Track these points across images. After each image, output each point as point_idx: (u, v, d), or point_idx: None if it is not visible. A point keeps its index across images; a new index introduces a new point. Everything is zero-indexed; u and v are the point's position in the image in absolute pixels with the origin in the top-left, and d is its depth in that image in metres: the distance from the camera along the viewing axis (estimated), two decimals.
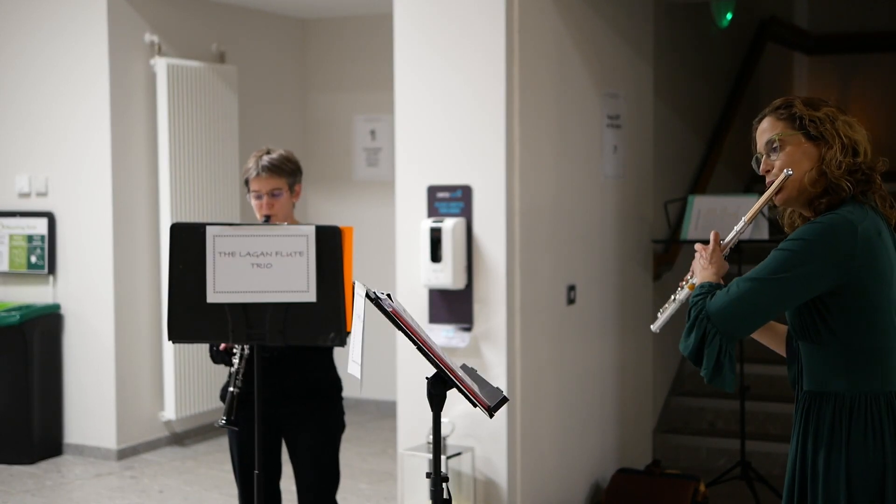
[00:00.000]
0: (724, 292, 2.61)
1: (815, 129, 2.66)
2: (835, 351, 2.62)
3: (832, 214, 2.60)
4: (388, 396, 7.20)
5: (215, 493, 6.19)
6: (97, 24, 6.74)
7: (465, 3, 5.04)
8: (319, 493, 3.97)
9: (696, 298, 2.66)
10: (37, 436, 6.80)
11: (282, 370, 3.87)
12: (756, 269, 2.61)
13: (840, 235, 2.56)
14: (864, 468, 2.59)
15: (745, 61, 8.30)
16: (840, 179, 2.63)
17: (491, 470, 5.07)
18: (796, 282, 2.56)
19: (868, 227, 2.59)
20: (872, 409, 2.60)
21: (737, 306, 2.58)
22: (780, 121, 2.71)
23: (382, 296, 2.94)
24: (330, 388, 3.99)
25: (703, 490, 5.48)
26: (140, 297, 6.99)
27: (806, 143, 2.67)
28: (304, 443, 3.94)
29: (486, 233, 5.02)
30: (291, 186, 3.96)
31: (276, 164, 3.91)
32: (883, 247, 2.62)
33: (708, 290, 2.66)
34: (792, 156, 2.67)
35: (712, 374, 2.59)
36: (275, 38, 8.11)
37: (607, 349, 5.92)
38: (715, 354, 2.58)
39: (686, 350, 2.64)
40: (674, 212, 6.56)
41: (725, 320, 2.59)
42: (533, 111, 5.12)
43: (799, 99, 2.72)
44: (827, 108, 2.70)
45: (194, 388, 7.16)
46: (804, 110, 2.68)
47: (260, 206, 3.92)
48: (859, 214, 2.60)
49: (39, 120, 6.99)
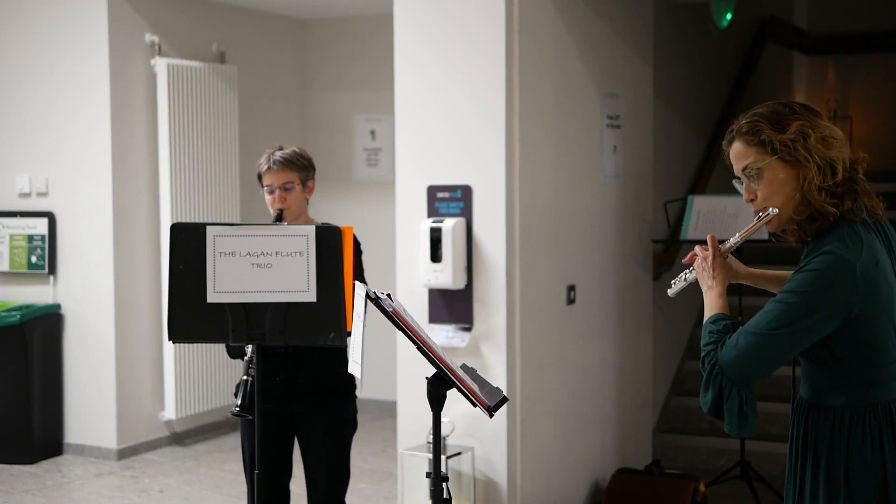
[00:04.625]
0: (733, 345, 2.56)
1: (789, 153, 2.55)
2: (836, 372, 2.60)
3: (826, 255, 2.50)
4: (388, 396, 7.21)
5: (215, 493, 6.20)
6: (97, 24, 6.75)
7: (465, 3, 5.04)
8: (329, 491, 3.97)
9: (707, 347, 2.62)
10: (37, 436, 6.80)
11: (296, 367, 3.88)
12: (757, 320, 2.56)
13: (838, 281, 2.49)
14: (864, 477, 2.57)
15: (744, 61, 8.30)
16: (823, 204, 2.55)
17: (491, 470, 5.08)
18: (798, 335, 2.52)
19: (865, 260, 2.52)
20: (871, 420, 2.58)
21: (745, 360, 2.54)
22: (752, 147, 2.60)
23: (382, 296, 2.94)
24: (344, 386, 4.00)
25: (703, 490, 5.48)
26: (140, 297, 6.99)
27: (782, 169, 2.57)
28: (316, 439, 3.95)
29: (486, 233, 5.02)
30: (304, 182, 3.99)
31: (289, 159, 3.95)
32: (881, 275, 2.56)
33: (717, 337, 2.62)
34: (772, 185, 2.59)
35: (739, 427, 2.56)
36: (275, 38, 8.11)
37: (607, 349, 5.93)
38: (737, 407, 2.55)
39: (706, 406, 2.60)
40: (673, 212, 6.56)
41: (738, 373, 2.55)
42: (533, 111, 5.12)
43: (765, 120, 2.59)
44: (796, 122, 2.56)
45: (194, 388, 7.17)
46: (773, 135, 2.56)
47: (272, 201, 3.96)
48: (854, 247, 2.52)
49: (40, 120, 6.99)
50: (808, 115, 2.60)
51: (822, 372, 2.62)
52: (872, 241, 2.58)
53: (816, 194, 2.55)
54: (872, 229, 2.62)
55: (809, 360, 2.64)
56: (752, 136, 2.60)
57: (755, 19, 8.57)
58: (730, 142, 2.67)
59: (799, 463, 2.68)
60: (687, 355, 7.21)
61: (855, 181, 2.59)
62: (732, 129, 2.66)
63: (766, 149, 2.58)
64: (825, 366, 2.61)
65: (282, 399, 3.87)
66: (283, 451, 3.99)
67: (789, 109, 2.59)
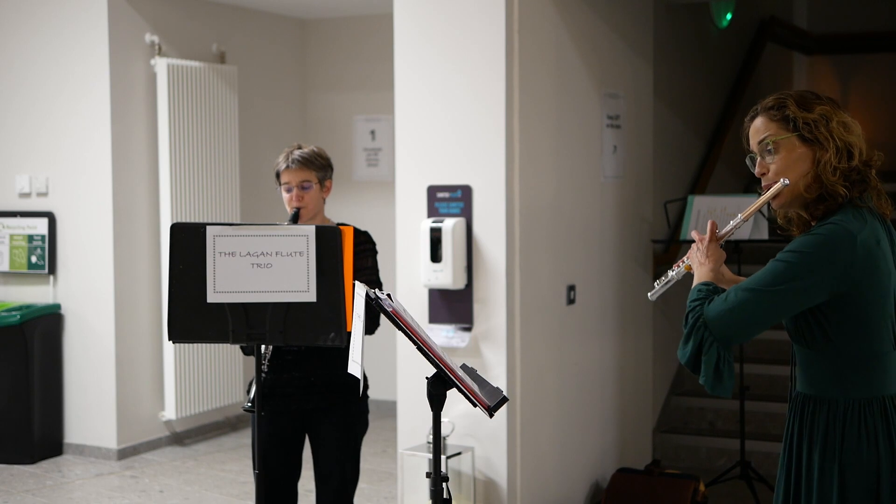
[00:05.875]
0: (722, 299, 2.59)
1: (810, 131, 2.61)
2: (830, 357, 2.61)
3: (831, 224, 2.56)
4: (388, 396, 7.20)
5: (215, 493, 6.20)
6: (97, 24, 6.75)
7: (465, 3, 5.04)
8: (339, 490, 3.97)
9: (693, 303, 2.65)
10: (37, 435, 6.80)
11: (309, 365, 3.88)
12: (754, 278, 2.59)
13: (839, 247, 2.53)
14: (857, 472, 2.58)
15: (744, 61, 8.30)
16: (835, 185, 2.60)
17: (491, 470, 5.08)
18: (792, 294, 2.54)
19: (867, 236, 2.56)
20: (866, 414, 2.59)
21: (733, 315, 2.56)
22: (774, 122, 2.65)
23: (382, 296, 2.95)
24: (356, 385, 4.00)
25: (703, 490, 5.48)
26: (140, 297, 6.99)
27: (800, 146, 2.62)
28: (329, 437, 3.95)
29: (486, 233, 5.02)
30: (322, 181, 4.01)
31: (307, 158, 3.97)
32: (882, 256, 2.59)
33: (705, 294, 2.65)
34: (786, 160, 2.63)
35: (712, 383, 2.58)
36: (275, 38, 8.11)
37: (607, 349, 5.93)
38: (713, 363, 2.57)
39: (684, 358, 2.62)
40: (673, 212, 6.56)
41: (722, 328, 2.57)
42: (533, 111, 5.12)
43: (791, 98, 2.66)
44: (821, 106, 2.63)
45: (194, 388, 7.17)
46: (797, 112, 2.62)
47: (290, 199, 3.97)
48: (858, 223, 2.57)
49: (40, 120, 6.99)
50: (833, 104, 2.67)
51: (816, 360, 2.64)
52: (876, 225, 2.63)
53: (831, 175, 2.60)
54: (878, 219, 2.66)
55: (804, 346, 2.65)
56: (777, 111, 2.66)
57: (755, 19, 8.57)
58: (752, 118, 2.72)
59: (794, 457, 2.69)
60: None
61: (867, 174, 2.65)
62: (757, 107, 2.72)
63: (787, 124, 2.64)
64: (819, 352, 2.62)
65: (296, 397, 3.87)
66: (294, 450, 3.99)
67: (815, 96, 2.68)
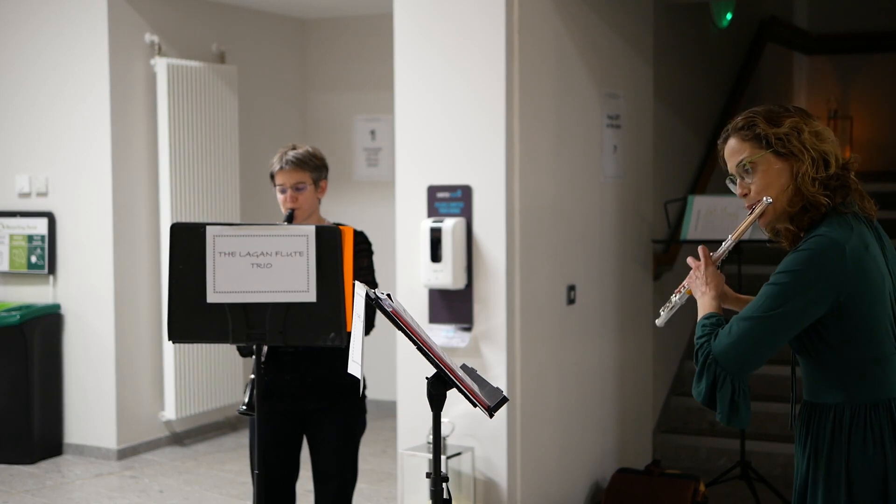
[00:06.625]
0: (726, 333, 2.58)
1: (783, 146, 2.61)
2: (832, 365, 2.61)
3: (817, 237, 2.55)
4: (388, 396, 7.20)
5: (215, 493, 6.20)
6: (97, 24, 6.74)
7: (465, 3, 5.04)
8: (338, 490, 3.97)
9: (700, 340, 2.64)
10: (37, 436, 6.80)
11: (308, 365, 3.88)
12: (752, 305, 2.59)
13: (828, 260, 2.52)
14: (864, 474, 2.57)
15: (744, 61, 8.30)
16: (816, 195, 2.60)
17: (491, 470, 5.07)
18: (793, 315, 2.54)
19: (855, 243, 2.55)
20: (871, 417, 2.58)
21: (739, 347, 2.56)
22: (746, 142, 2.65)
23: (382, 296, 2.94)
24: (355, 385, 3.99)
25: (703, 490, 5.48)
26: (140, 298, 6.99)
27: (776, 161, 2.62)
28: (328, 437, 3.95)
29: (486, 233, 5.02)
30: (316, 182, 3.99)
31: (301, 159, 3.95)
32: (872, 260, 2.58)
33: (710, 329, 2.64)
34: (766, 178, 2.63)
35: (729, 416, 2.58)
36: (275, 38, 8.11)
37: (607, 349, 5.93)
38: (728, 396, 2.57)
39: (699, 396, 2.62)
40: (674, 212, 6.56)
41: (732, 361, 2.57)
42: (533, 111, 5.12)
43: (760, 115, 2.65)
44: (790, 119, 2.63)
45: (194, 388, 7.17)
46: (768, 128, 2.62)
47: (284, 200, 3.95)
48: (844, 231, 2.56)
49: (39, 120, 6.99)
50: (802, 114, 2.68)
51: (820, 369, 2.63)
52: (862, 229, 2.62)
53: (810, 186, 2.60)
54: (864, 222, 2.65)
55: (806, 356, 2.65)
56: (748, 130, 2.66)
57: (755, 19, 8.57)
58: (725, 140, 2.73)
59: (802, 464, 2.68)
60: (687, 355, 7.21)
61: (847, 178, 2.64)
62: (727, 128, 2.72)
63: (760, 143, 2.64)
64: (822, 361, 2.62)
65: (294, 397, 3.87)
66: (292, 451, 3.98)
67: (784, 109, 2.68)
